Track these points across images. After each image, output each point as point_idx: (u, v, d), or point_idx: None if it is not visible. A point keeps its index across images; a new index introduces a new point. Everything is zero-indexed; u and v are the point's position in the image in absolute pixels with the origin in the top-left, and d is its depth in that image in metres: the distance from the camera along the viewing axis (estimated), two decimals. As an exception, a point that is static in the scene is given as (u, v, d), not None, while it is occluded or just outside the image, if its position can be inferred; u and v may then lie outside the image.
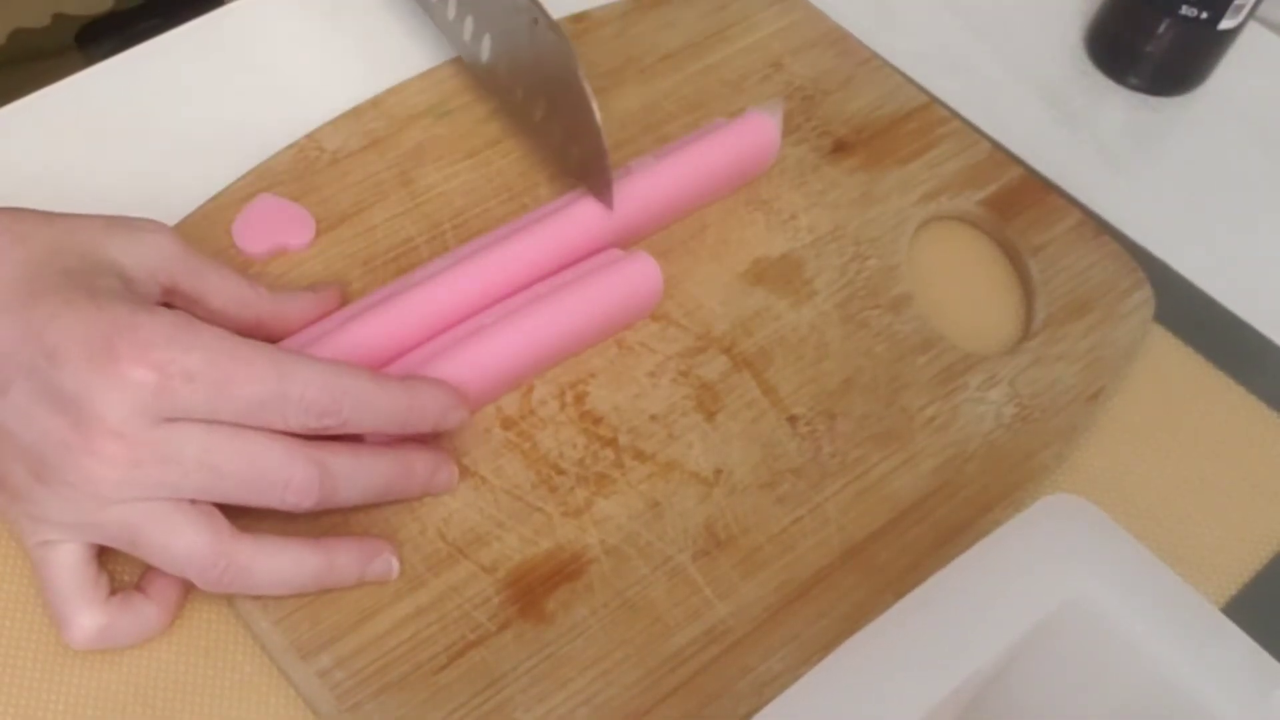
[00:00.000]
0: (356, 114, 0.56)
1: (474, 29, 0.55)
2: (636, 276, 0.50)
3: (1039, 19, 0.67)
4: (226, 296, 0.45)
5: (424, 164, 0.55)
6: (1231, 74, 0.65)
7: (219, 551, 0.41)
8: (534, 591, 0.45)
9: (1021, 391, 0.52)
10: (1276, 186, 0.62)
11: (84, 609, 0.41)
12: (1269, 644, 0.37)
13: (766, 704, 0.35)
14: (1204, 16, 0.60)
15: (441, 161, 0.55)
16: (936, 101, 0.60)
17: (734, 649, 0.44)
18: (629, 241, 0.53)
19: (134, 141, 0.55)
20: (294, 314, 0.48)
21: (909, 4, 0.67)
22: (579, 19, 0.61)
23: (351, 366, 0.42)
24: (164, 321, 0.40)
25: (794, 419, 0.50)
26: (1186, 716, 0.36)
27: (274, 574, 0.42)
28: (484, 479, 0.47)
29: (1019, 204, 0.57)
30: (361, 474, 0.43)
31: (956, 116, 0.60)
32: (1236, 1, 0.60)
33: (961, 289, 0.56)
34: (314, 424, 0.41)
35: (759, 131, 0.55)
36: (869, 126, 0.59)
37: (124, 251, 0.43)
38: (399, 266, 0.51)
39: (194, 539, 0.41)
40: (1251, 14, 0.61)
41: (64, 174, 0.53)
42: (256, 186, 0.53)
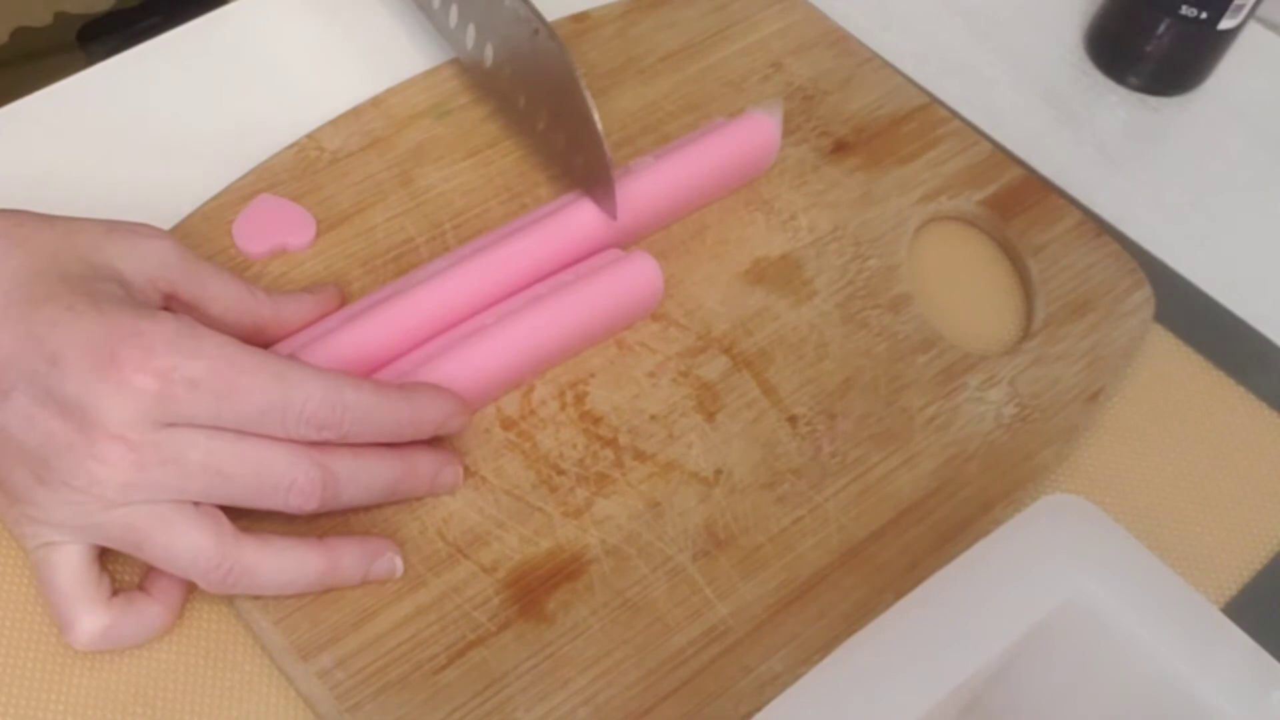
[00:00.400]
0: (357, 114, 0.56)
1: (476, 36, 0.55)
2: (636, 276, 0.50)
3: (1039, 19, 0.67)
4: (226, 302, 0.45)
5: (424, 164, 0.55)
6: (1231, 74, 0.65)
7: (223, 553, 0.41)
8: (534, 591, 0.45)
9: (1021, 391, 0.52)
10: (1276, 186, 0.62)
11: (87, 610, 0.41)
12: (1269, 644, 0.37)
13: (766, 704, 0.35)
14: (1204, 16, 0.60)
15: (441, 161, 0.55)
16: (936, 101, 0.60)
17: (734, 649, 0.44)
18: (629, 241, 0.53)
19: (134, 141, 0.55)
20: (294, 317, 0.48)
21: (909, 4, 0.67)
22: (579, 19, 0.60)
23: (354, 378, 0.42)
24: (167, 328, 0.40)
25: (794, 419, 0.50)
26: (1186, 716, 0.36)
27: (278, 575, 0.42)
28: (484, 479, 0.47)
29: (1019, 204, 0.57)
30: (365, 475, 0.43)
31: (956, 116, 0.60)
32: (1236, 1, 0.60)
33: (961, 289, 0.56)
34: (314, 435, 0.41)
35: (759, 131, 0.55)
36: (869, 126, 0.59)
37: (124, 257, 0.43)
38: (399, 266, 0.51)
39: (197, 541, 0.41)
40: (1251, 14, 0.61)
41: (64, 174, 0.53)
42: (257, 186, 0.53)
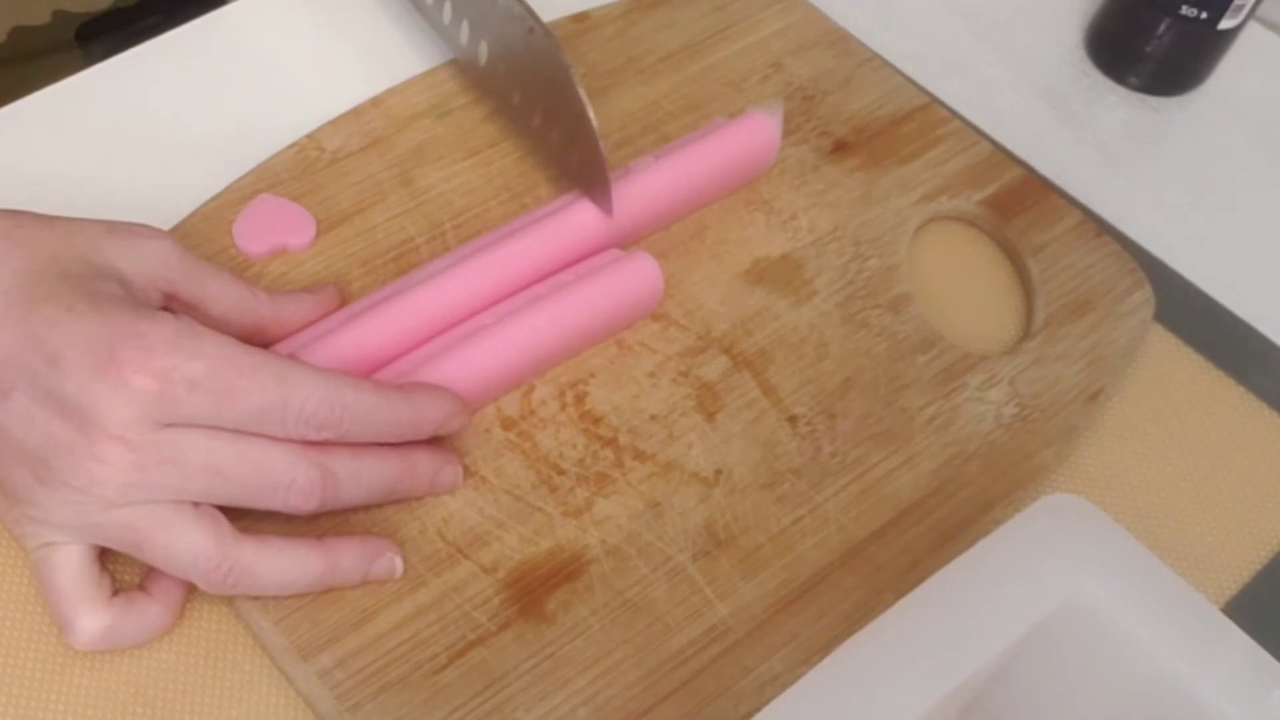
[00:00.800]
0: (357, 114, 0.56)
1: (470, 34, 0.55)
2: (636, 276, 0.50)
3: (1039, 19, 0.67)
4: (227, 302, 0.45)
5: (424, 164, 0.55)
6: (1231, 74, 0.65)
7: (222, 553, 0.41)
8: (534, 591, 0.45)
9: (1021, 391, 0.52)
10: (1276, 186, 0.62)
11: (88, 610, 0.41)
12: (1269, 644, 0.37)
13: (766, 704, 0.35)
14: (1204, 16, 0.60)
15: (441, 161, 0.55)
16: (936, 101, 0.60)
17: (734, 649, 0.44)
18: (629, 241, 0.53)
19: (134, 141, 0.55)
20: (294, 317, 0.48)
21: (909, 4, 0.67)
22: (579, 19, 0.60)
23: (354, 378, 0.42)
24: (167, 328, 0.40)
25: (794, 419, 0.50)
26: (1186, 716, 0.36)
27: (278, 575, 0.42)
28: (484, 479, 0.47)
29: (1019, 204, 0.57)
30: (364, 475, 0.43)
31: (956, 116, 0.60)
32: (1236, 1, 0.60)
33: (961, 289, 0.56)
34: (313, 436, 0.41)
35: (759, 131, 0.55)
36: (869, 126, 0.59)
37: (123, 257, 0.43)
38: (399, 266, 0.51)
39: (197, 541, 0.41)
40: (1251, 14, 0.61)
41: (64, 174, 0.53)
42: (257, 186, 0.53)
